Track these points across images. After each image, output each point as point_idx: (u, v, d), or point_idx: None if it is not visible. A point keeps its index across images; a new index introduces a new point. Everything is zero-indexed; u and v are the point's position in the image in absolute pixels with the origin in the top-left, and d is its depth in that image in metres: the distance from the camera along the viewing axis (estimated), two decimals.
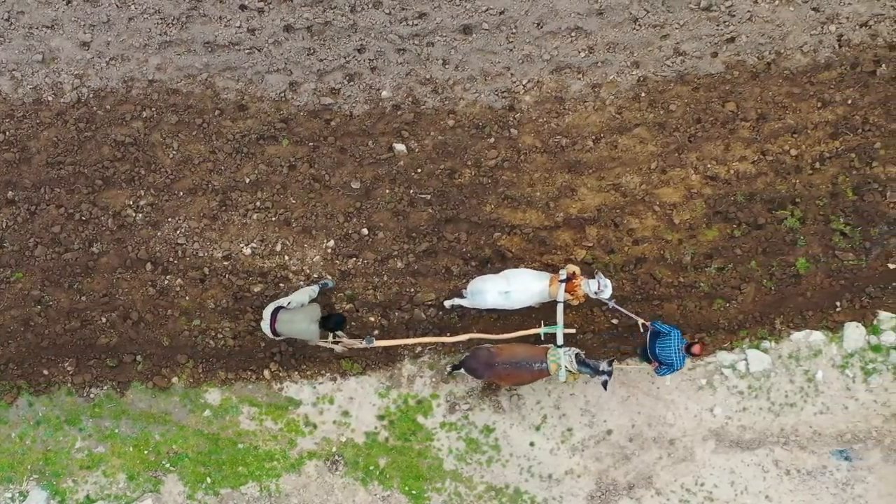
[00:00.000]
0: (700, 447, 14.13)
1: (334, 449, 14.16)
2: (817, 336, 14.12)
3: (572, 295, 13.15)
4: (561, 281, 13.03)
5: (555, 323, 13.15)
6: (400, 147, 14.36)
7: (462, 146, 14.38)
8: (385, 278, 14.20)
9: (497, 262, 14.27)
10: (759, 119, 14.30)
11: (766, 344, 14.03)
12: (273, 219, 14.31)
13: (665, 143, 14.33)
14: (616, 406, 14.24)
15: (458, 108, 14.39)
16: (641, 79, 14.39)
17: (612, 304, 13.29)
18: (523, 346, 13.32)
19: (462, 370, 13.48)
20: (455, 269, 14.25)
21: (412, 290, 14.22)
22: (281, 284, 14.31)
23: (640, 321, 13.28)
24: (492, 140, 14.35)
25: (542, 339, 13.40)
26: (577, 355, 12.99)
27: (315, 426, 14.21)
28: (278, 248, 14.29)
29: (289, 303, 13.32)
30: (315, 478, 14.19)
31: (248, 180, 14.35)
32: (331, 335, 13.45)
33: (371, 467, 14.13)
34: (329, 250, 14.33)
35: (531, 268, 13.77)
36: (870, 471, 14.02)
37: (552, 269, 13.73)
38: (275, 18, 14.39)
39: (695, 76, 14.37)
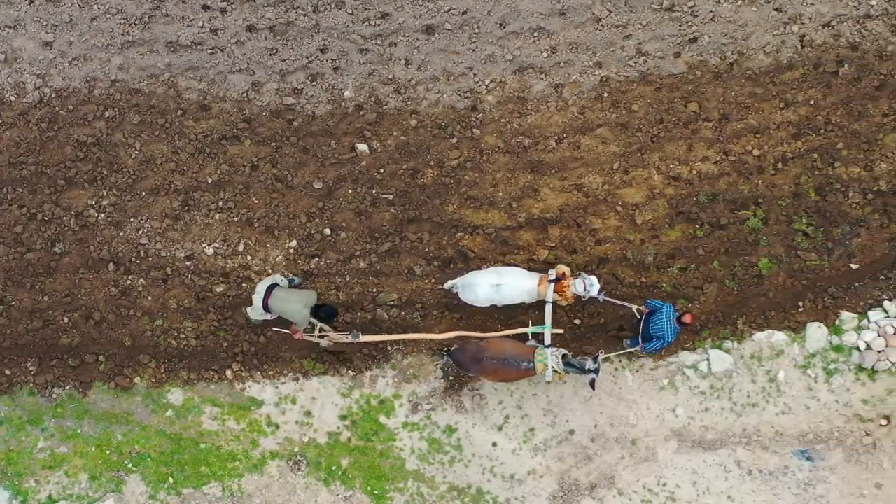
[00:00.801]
0: (662, 447, 13.76)
1: (296, 449, 13.81)
2: (779, 336, 13.76)
3: (561, 295, 12.87)
4: (550, 281, 12.75)
5: (542, 323, 12.89)
6: (362, 147, 13.99)
7: (424, 146, 13.99)
8: (347, 278, 13.82)
9: (460, 262, 13.90)
10: (722, 119, 13.91)
11: (728, 344, 13.66)
12: (235, 219, 13.93)
13: (627, 144, 13.94)
14: (578, 406, 13.87)
15: (420, 108, 14.01)
16: (604, 79, 14.00)
17: (602, 297, 12.91)
18: (512, 343, 12.99)
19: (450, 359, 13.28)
20: (418, 269, 13.89)
21: (375, 290, 13.82)
22: (244, 284, 13.91)
23: (634, 307, 12.97)
24: (454, 140, 13.97)
25: (530, 338, 13.08)
26: (563, 356, 12.71)
27: (277, 426, 13.84)
28: (241, 248, 13.93)
29: (281, 280, 13.09)
30: (277, 478, 13.82)
31: (210, 180, 13.98)
32: (317, 329, 13.13)
33: (333, 467, 13.77)
34: (291, 250, 13.95)
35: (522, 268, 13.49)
36: (832, 471, 13.73)
37: (542, 270, 13.29)
38: (237, 18, 13.99)
39: (657, 76, 13.98)
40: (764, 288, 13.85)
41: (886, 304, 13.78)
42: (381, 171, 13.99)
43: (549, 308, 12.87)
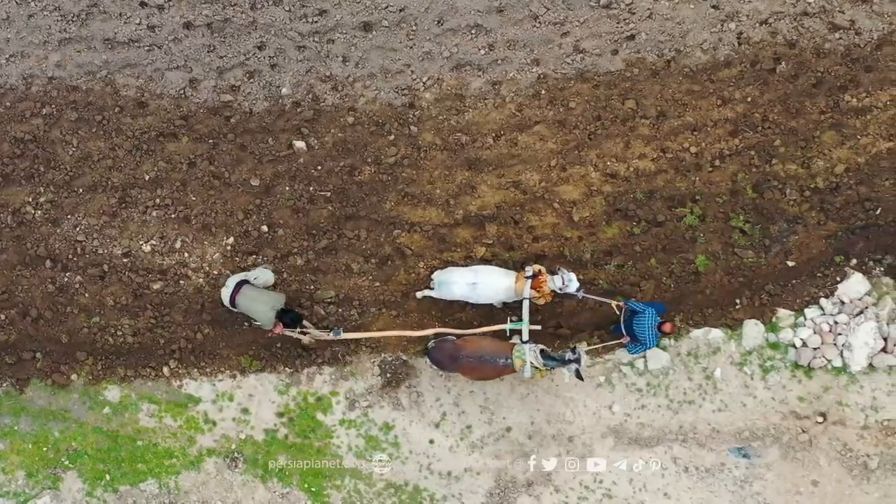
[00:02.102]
0: (599, 444, 13.17)
1: (234, 446, 13.26)
2: (716, 333, 13.20)
3: (539, 292, 12.42)
4: (527, 277, 12.33)
5: (520, 319, 12.42)
6: (300, 144, 13.41)
7: (362, 143, 13.39)
8: (285, 275, 13.22)
9: (397, 259, 13.43)
10: (659, 117, 13.30)
11: (664, 341, 13.17)
12: (173, 216, 13.34)
13: (565, 141, 13.34)
14: (515, 403, 13.32)
15: (358, 106, 13.40)
16: (541, 76, 13.38)
17: (581, 294, 12.47)
18: (489, 340, 12.50)
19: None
20: (355, 266, 13.30)
21: (312, 287, 13.26)
22: (181, 282, 13.26)
23: (614, 303, 12.48)
24: (392, 137, 13.37)
25: (508, 335, 12.59)
26: (542, 350, 12.23)
27: (214, 423, 13.29)
28: (178, 245, 13.36)
29: (255, 278, 12.62)
30: (214, 475, 13.28)
31: (147, 177, 13.36)
32: (298, 326, 12.62)
33: (270, 464, 13.19)
34: (229, 247, 13.36)
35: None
36: (768, 468, 13.22)
37: (518, 268, 12.87)
38: (175, 16, 13.32)
39: (595, 74, 13.36)
40: (701, 285, 13.41)
41: (823, 301, 13.32)
42: (319, 168, 13.46)
43: (526, 304, 12.40)
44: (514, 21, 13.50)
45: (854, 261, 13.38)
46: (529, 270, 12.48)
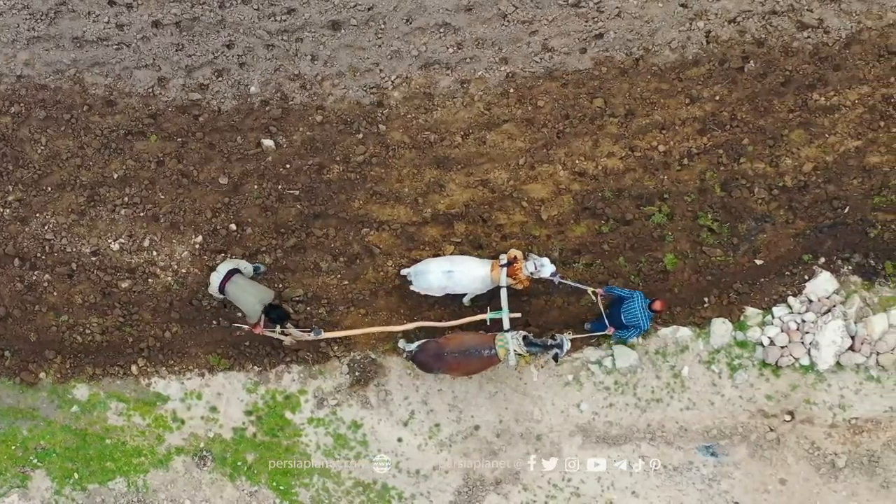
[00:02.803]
0: (567, 443, 12.93)
1: (202, 444, 13.00)
2: (684, 332, 12.97)
3: (515, 279, 12.17)
4: (502, 266, 12.09)
5: (499, 308, 12.18)
6: (268, 143, 13.11)
7: (330, 142, 13.09)
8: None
9: (366, 257, 13.11)
10: (628, 115, 13.02)
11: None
12: (141, 214, 13.05)
13: (533, 140, 13.05)
14: (484, 402, 13.01)
15: (326, 104, 13.10)
16: (510, 75, 13.10)
17: (557, 279, 12.20)
18: (471, 333, 12.26)
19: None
20: (324, 264, 13.04)
21: (280, 285, 12.97)
22: (149, 280, 12.98)
23: (591, 290, 12.22)
24: (360, 136, 13.09)
25: (489, 324, 12.32)
26: (524, 337, 11.99)
27: (183, 422, 13.03)
28: (146, 243, 13.08)
29: (244, 268, 12.39)
30: (183, 473, 13.02)
31: (116, 176, 13.06)
32: (278, 326, 12.34)
33: (239, 463, 12.96)
34: (197, 246, 13.09)
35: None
36: (736, 466, 12.93)
37: (494, 257, 12.64)
38: (143, 14, 13.03)
39: (563, 72, 13.07)
40: (669, 283, 13.18)
41: (791, 299, 13.09)
42: (287, 166, 13.16)
43: (504, 292, 12.13)
44: (482, 19, 13.31)
45: (822, 259, 13.20)
46: (504, 258, 12.23)
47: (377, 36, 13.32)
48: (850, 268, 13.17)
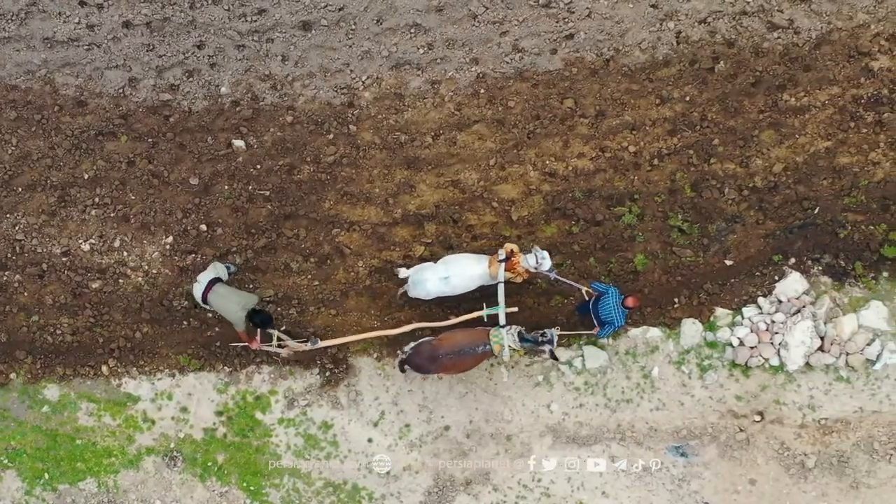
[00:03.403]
0: (537, 443, 12.73)
1: (172, 445, 12.82)
2: (654, 332, 12.77)
3: (514, 273, 11.95)
4: (500, 261, 11.84)
5: (496, 304, 11.98)
6: (239, 143, 12.93)
7: (301, 142, 12.93)
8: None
9: (336, 258, 13.02)
10: (598, 116, 12.85)
11: (602, 340, 12.89)
12: (112, 215, 12.88)
13: (504, 140, 12.88)
14: (454, 402, 12.81)
15: (297, 105, 12.94)
16: (480, 75, 12.91)
17: (553, 275, 11.98)
18: (463, 332, 12.02)
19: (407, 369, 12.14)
20: (294, 265, 12.86)
21: (251, 286, 12.80)
22: (120, 280, 12.83)
23: (584, 289, 12.00)
24: (331, 136, 12.90)
25: (486, 320, 12.09)
26: (519, 332, 11.81)
27: (153, 422, 12.83)
28: (117, 244, 12.92)
29: (223, 273, 12.16)
30: (153, 473, 12.83)
31: (86, 176, 12.91)
32: (275, 339, 12.17)
33: (209, 463, 12.79)
34: (168, 246, 12.92)
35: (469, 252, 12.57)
36: (706, 467, 12.75)
37: (489, 252, 12.44)
38: (114, 14, 12.86)
39: (534, 73, 12.91)
40: (639, 284, 12.99)
41: (761, 300, 12.94)
42: (258, 167, 12.97)
43: (501, 288, 11.89)
44: (453, 20, 13.17)
45: (792, 260, 13.05)
46: (502, 253, 11.96)
47: (348, 36, 13.19)
48: (820, 268, 13.04)
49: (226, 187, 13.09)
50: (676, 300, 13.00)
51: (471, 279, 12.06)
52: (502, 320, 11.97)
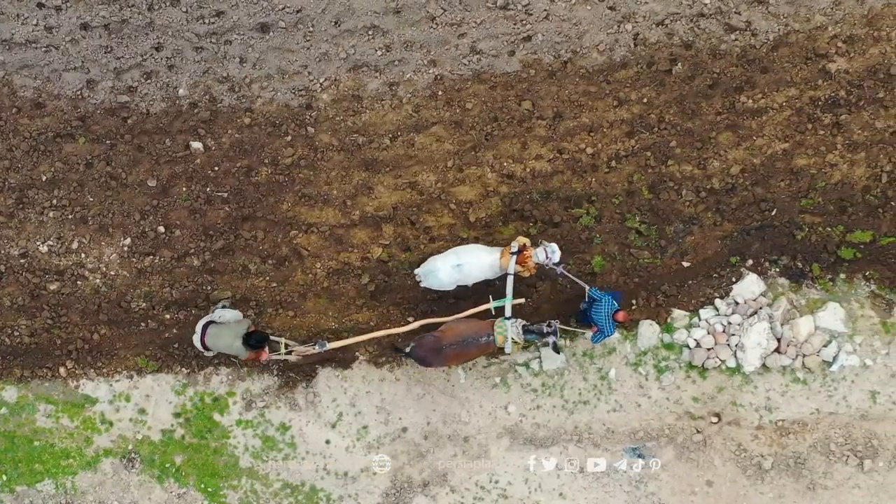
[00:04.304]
0: (494, 444, 12.58)
1: (130, 446, 12.65)
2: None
3: (524, 266, 11.74)
4: (512, 253, 11.67)
5: (501, 297, 11.79)
6: (197, 145, 12.71)
7: (259, 144, 12.68)
8: (182, 276, 12.88)
9: (294, 259, 12.74)
10: (556, 117, 12.58)
11: (560, 342, 13.05)
12: (70, 217, 12.67)
13: (462, 142, 12.62)
14: (411, 404, 12.66)
15: (255, 107, 12.68)
16: (438, 77, 12.66)
17: (560, 269, 11.82)
18: (466, 323, 11.84)
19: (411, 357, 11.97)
20: (252, 266, 12.63)
21: (209, 287, 12.63)
22: (78, 282, 12.65)
23: (588, 287, 11.83)
24: (289, 138, 12.66)
25: (493, 313, 11.89)
26: (523, 325, 11.66)
27: (111, 424, 12.67)
28: (75, 245, 12.73)
29: (220, 317, 12.00)
30: (111, 475, 12.66)
31: (44, 178, 12.66)
32: (283, 346, 12.05)
33: (167, 465, 12.63)
34: (126, 248, 12.72)
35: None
36: (663, 468, 12.56)
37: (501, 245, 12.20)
38: (72, 17, 12.60)
39: (492, 75, 12.65)
40: (597, 286, 13.00)
41: (718, 302, 12.79)
42: (216, 169, 12.71)
43: (510, 280, 11.67)
44: (410, 22, 13.00)
45: (749, 261, 12.89)
46: (515, 245, 11.77)
47: (306, 38, 13.02)
48: (777, 270, 12.89)
49: (184, 189, 12.92)
50: (634, 302, 12.84)
51: (482, 269, 11.89)
52: (508, 312, 11.79)
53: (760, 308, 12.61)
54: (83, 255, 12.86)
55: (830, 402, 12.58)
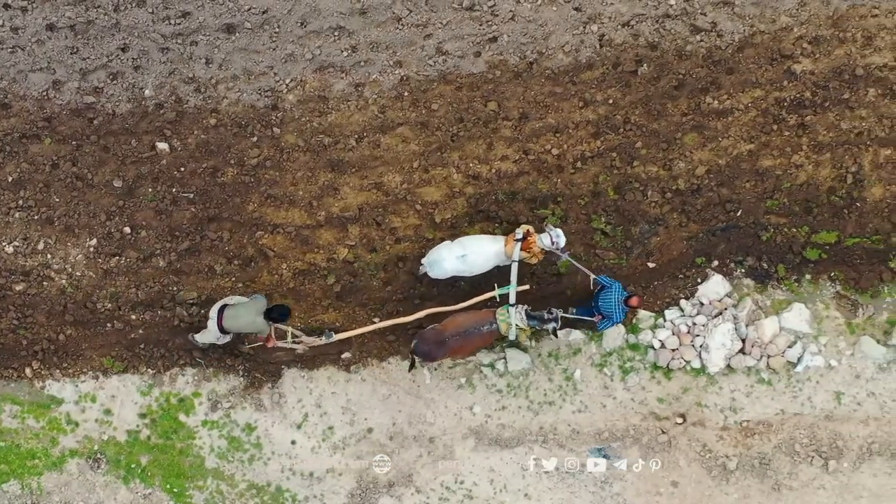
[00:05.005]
0: (460, 445, 12.40)
1: (96, 447, 12.44)
2: (577, 335, 12.41)
3: (529, 252, 11.62)
4: (517, 240, 11.53)
5: (504, 284, 11.72)
6: (163, 146, 12.53)
7: (225, 145, 12.49)
8: (148, 277, 12.72)
9: (260, 260, 12.60)
10: (522, 118, 12.42)
11: (525, 342, 12.68)
12: (35, 217, 12.46)
13: (427, 143, 12.46)
14: (377, 404, 12.47)
15: (220, 107, 12.49)
16: (404, 78, 12.49)
17: (566, 255, 11.72)
18: (466, 314, 11.73)
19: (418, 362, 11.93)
20: (218, 267, 12.45)
21: (175, 288, 12.46)
22: (44, 283, 12.41)
23: (593, 276, 11.70)
24: (255, 139, 12.48)
25: (498, 300, 11.81)
26: (525, 311, 11.57)
27: (77, 424, 12.46)
28: (41, 246, 12.54)
29: (232, 300, 11.84)
30: (77, 476, 12.45)
31: (10, 179, 12.46)
32: (289, 336, 11.91)
33: (133, 465, 12.42)
34: (92, 249, 12.52)
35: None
36: (628, 469, 13.00)
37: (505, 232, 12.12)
38: (37, 17, 12.41)
39: (457, 75, 12.49)
40: (562, 286, 12.57)
41: (683, 302, 12.70)
42: (182, 169, 12.51)
43: (514, 267, 11.53)
44: (376, 23, 12.86)
45: (715, 262, 12.77)
46: (519, 233, 11.64)
47: (271, 39, 12.89)
48: (742, 271, 12.79)
49: (150, 190, 12.80)
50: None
51: (487, 258, 11.74)
52: (512, 299, 11.66)
53: (725, 309, 12.52)
54: (49, 256, 12.73)
55: (795, 402, 12.49)
